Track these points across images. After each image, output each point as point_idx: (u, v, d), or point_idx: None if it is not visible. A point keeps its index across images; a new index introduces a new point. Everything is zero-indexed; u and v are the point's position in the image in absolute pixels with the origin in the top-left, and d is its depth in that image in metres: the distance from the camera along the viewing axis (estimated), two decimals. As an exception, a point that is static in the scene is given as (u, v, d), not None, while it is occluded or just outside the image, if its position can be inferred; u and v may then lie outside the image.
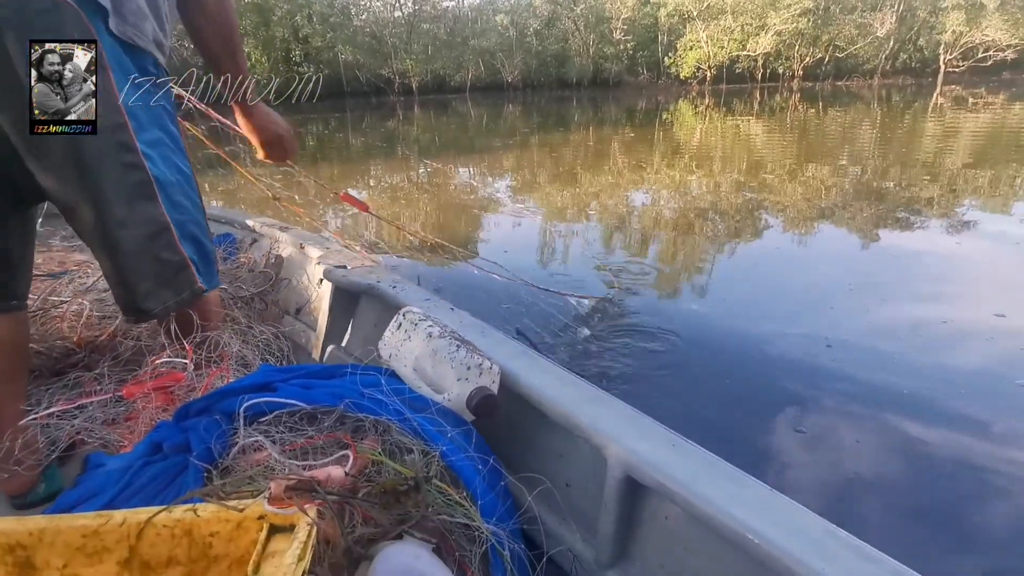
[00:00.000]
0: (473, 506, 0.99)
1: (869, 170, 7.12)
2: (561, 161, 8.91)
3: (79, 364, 1.49)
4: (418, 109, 23.82)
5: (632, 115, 18.30)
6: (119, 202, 1.14)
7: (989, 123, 12.41)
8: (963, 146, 9.07)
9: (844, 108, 17.88)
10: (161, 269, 1.21)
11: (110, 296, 1.62)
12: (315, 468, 0.96)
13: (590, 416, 1.08)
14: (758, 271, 3.81)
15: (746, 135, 12.06)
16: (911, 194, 5.69)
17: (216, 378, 1.18)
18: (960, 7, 28.02)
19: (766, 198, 5.73)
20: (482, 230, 5.01)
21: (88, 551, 0.79)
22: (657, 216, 5.25)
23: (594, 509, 1.09)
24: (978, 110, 15.46)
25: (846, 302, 3.17)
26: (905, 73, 32.11)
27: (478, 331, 1.36)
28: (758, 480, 0.92)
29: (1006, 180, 6.25)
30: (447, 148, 11.40)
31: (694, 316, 3.04)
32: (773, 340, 2.70)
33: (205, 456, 0.96)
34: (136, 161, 1.16)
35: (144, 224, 1.18)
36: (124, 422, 1.16)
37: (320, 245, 2.12)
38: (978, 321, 2.87)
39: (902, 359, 2.52)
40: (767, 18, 29.04)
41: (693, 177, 7.15)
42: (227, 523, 0.84)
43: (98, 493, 0.95)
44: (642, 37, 33.11)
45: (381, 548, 0.93)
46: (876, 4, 29.95)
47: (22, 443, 1.13)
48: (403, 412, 1.02)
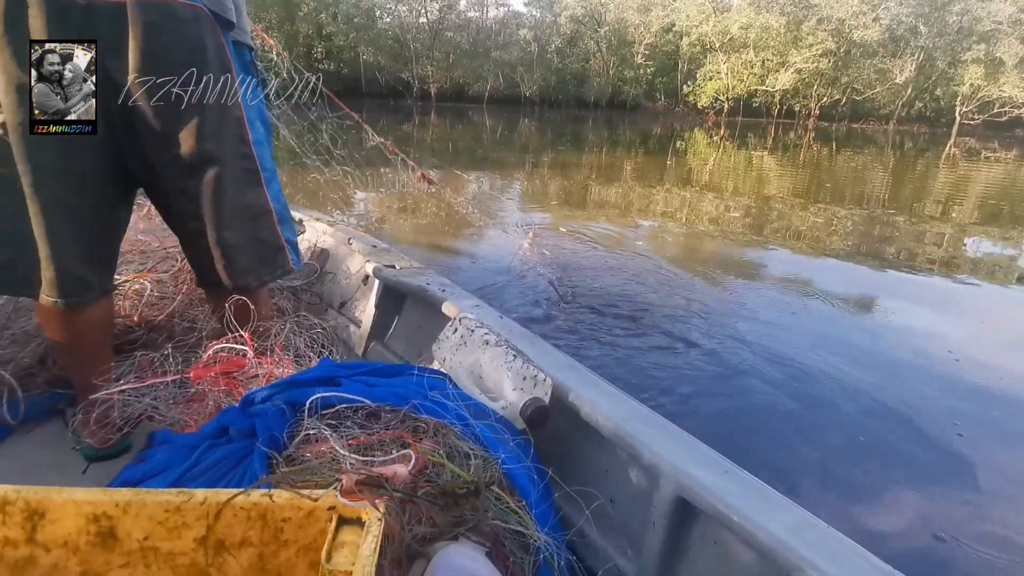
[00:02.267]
0: (528, 515, 1.00)
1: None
2: (571, 186, 8.90)
3: (137, 342, 1.54)
4: (435, 115, 23.96)
5: (647, 140, 18.42)
6: (233, 189, 1.26)
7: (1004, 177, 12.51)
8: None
9: (858, 150, 18.00)
10: (261, 249, 1.36)
11: (169, 277, 1.72)
12: (378, 465, 0.98)
13: (641, 435, 1.08)
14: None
15: (759, 169, 12.12)
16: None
17: (275, 367, 1.20)
18: (980, 61, 28.28)
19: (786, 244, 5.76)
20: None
21: (169, 525, 0.81)
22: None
23: (640, 527, 1.09)
24: (991, 163, 15.59)
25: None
26: (920, 121, 32.37)
27: (528, 341, 1.37)
28: (810, 512, 0.92)
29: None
30: (460, 157, 11.45)
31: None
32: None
33: (271, 443, 0.98)
34: (249, 152, 1.29)
35: (251, 208, 1.32)
36: (187, 403, 1.18)
37: (367, 242, 2.13)
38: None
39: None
40: (788, 55, 29.30)
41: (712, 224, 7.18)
42: (299, 510, 0.86)
43: (166, 469, 0.97)
44: (662, 63, 33.41)
45: (439, 548, 0.94)
46: (897, 51, 30.24)
47: (106, 408, 1.22)
48: (466, 418, 1.04)
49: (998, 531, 1.85)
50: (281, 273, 1.42)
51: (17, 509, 0.79)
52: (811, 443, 2.27)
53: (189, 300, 1.68)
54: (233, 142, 1.26)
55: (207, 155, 1.21)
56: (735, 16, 29.57)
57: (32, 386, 1.42)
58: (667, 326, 3.23)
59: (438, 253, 4.33)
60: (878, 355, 3.10)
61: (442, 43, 32.27)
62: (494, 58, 32.25)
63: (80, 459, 1.31)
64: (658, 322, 3.28)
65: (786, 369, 2.80)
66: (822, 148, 18.23)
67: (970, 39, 29.01)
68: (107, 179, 1.21)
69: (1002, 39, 27.92)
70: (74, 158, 1.14)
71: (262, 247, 1.35)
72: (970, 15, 29.13)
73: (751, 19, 28.66)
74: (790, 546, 0.84)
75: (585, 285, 3.85)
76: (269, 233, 1.36)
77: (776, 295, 3.97)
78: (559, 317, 3.14)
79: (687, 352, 2.93)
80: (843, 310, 3.79)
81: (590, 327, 3.11)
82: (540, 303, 3.40)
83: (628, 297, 3.68)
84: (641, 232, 5.67)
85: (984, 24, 28.67)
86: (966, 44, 29.09)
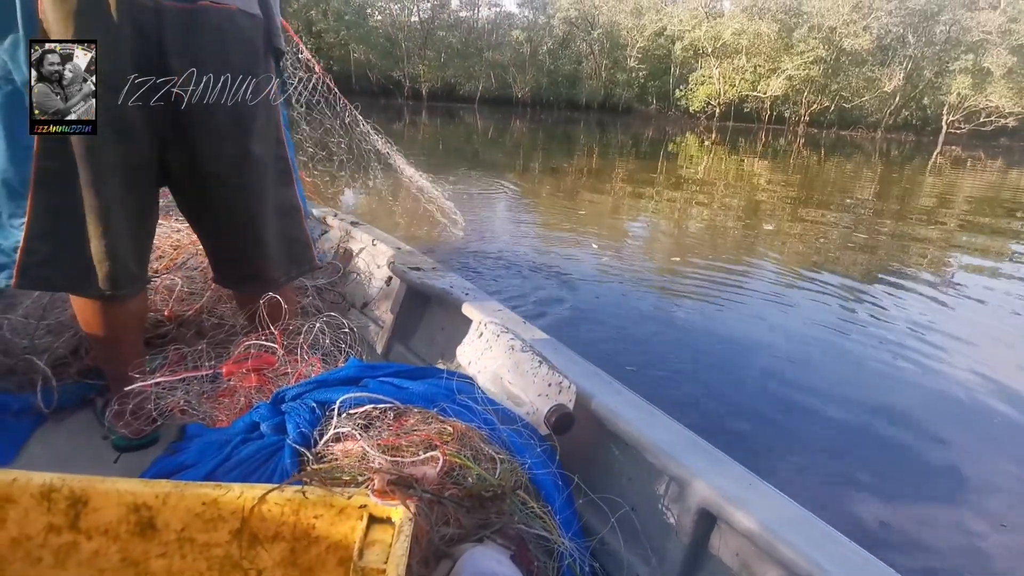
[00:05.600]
0: (552, 520, 1.02)
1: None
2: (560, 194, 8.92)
3: (167, 336, 1.56)
4: (426, 115, 23.91)
5: (639, 143, 18.49)
6: (269, 186, 1.31)
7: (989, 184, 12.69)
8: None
9: (846, 157, 18.19)
10: (293, 245, 1.41)
11: (198, 273, 1.74)
12: (407, 465, 0.99)
13: (665, 444, 1.09)
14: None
15: (750, 174, 12.22)
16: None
17: (304, 366, 1.21)
18: (967, 71, 28.62)
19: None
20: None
21: (205, 518, 0.82)
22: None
23: (662, 536, 1.10)
24: (976, 171, 15.82)
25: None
26: (906, 129, 32.74)
27: (551, 348, 1.37)
28: (831, 526, 0.93)
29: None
30: (451, 158, 11.43)
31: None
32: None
33: (301, 440, 0.99)
34: (283, 153, 1.35)
35: (285, 206, 1.36)
36: (218, 398, 1.19)
37: (391, 243, 2.15)
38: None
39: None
40: (780, 62, 29.52)
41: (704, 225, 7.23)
42: (331, 508, 0.87)
43: (199, 462, 0.98)
44: (655, 67, 33.53)
45: (465, 549, 0.96)
46: (886, 60, 30.55)
47: (140, 400, 1.24)
48: (492, 422, 1.05)
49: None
50: (308, 269, 1.48)
51: (62, 496, 0.80)
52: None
53: (218, 296, 1.69)
54: (272, 142, 1.31)
55: (254, 153, 1.26)
56: (728, 22, 29.74)
57: (65, 376, 1.45)
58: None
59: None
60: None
61: (434, 42, 32.18)
62: (486, 58, 32.22)
63: (109, 448, 1.33)
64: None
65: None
66: (811, 154, 18.40)
67: (958, 49, 29.35)
68: (152, 175, 1.24)
69: (990, 49, 28.26)
70: (131, 153, 1.17)
71: (293, 244, 1.41)
72: (959, 25, 29.47)
73: (744, 25, 28.83)
74: (814, 560, 0.85)
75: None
76: (299, 230, 1.42)
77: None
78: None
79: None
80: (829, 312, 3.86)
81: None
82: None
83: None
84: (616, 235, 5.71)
85: (973, 34, 29.02)
86: (954, 54, 29.43)
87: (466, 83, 32.79)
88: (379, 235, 2.25)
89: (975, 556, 1.83)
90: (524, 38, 32.60)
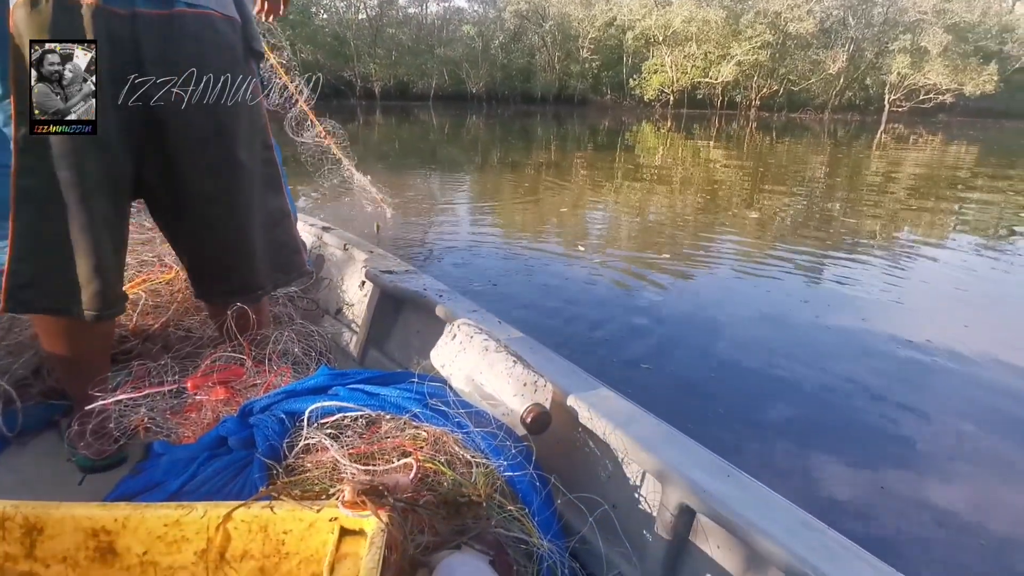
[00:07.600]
0: (530, 522, 1.01)
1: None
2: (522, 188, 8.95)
3: (132, 351, 1.50)
4: (380, 114, 23.66)
5: (596, 133, 18.61)
6: (257, 195, 1.28)
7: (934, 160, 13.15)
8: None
9: (796, 139, 18.61)
10: (281, 253, 1.37)
11: (163, 287, 1.68)
12: (379, 474, 0.97)
13: (643, 440, 1.08)
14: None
15: (707, 160, 12.42)
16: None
17: (273, 376, 1.18)
18: (905, 51, 29.52)
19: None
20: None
21: (168, 540, 0.79)
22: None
23: (643, 533, 1.10)
24: (920, 148, 16.37)
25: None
26: (852, 109, 33.62)
27: (527, 346, 1.36)
28: (812, 515, 0.94)
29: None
30: (408, 155, 11.37)
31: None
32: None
33: (270, 453, 0.96)
34: (271, 157, 1.32)
35: (273, 213, 1.33)
36: (184, 413, 1.16)
37: (364, 247, 2.10)
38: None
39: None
40: (730, 48, 30.00)
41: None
42: (301, 522, 0.85)
43: (164, 480, 0.94)
44: (607, 57, 33.71)
45: (442, 557, 0.94)
46: (829, 43, 31.32)
47: (102, 419, 1.20)
48: (466, 425, 1.04)
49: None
50: (296, 276, 1.44)
51: (16, 525, 0.77)
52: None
53: (184, 309, 1.65)
54: (258, 146, 1.28)
55: (240, 160, 1.23)
56: (677, 10, 30.07)
57: (27, 397, 1.39)
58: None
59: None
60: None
61: (384, 40, 31.76)
62: (438, 55, 31.94)
63: (75, 471, 1.28)
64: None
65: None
66: (764, 137, 18.76)
67: (896, 29, 30.29)
68: (128, 188, 1.20)
69: (927, 28, 29.20)
70: (111, 165, 1.13)
71: (282, 251, 1.38)
72: (896, 6, 30.52)
73: (692, 12, 29.21)
74: (792, 549, 0.85)
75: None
76: (288, 236, 1.39)
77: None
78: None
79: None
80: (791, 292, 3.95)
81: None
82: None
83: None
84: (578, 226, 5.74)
85: (910, 15, 30.02)
86: (892, 34, 30.35)
87: (419, 80, 32.47)
88: (352, 239, 2.20)
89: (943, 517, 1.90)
90: (475, 33, 32.44)
